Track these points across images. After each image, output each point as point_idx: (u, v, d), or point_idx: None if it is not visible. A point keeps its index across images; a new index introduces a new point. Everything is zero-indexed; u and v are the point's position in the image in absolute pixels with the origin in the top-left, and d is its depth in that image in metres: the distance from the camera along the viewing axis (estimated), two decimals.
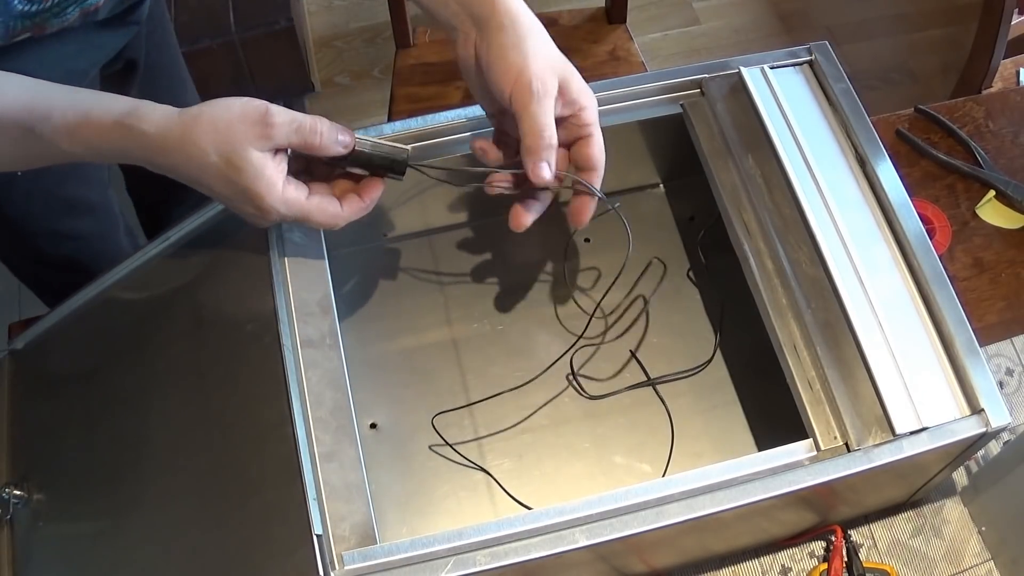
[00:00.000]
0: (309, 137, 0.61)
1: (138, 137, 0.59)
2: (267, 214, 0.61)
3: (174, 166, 0.60)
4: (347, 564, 0.56)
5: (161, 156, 0.60)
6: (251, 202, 0.60)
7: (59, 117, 0.60)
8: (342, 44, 2.03)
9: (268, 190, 0.60)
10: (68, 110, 0.60)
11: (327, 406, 0.61)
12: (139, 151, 0.60)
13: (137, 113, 0.59)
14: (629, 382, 0.79)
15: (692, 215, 0.87)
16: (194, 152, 0.59)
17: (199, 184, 0.61)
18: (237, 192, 0.60)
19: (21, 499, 0.68)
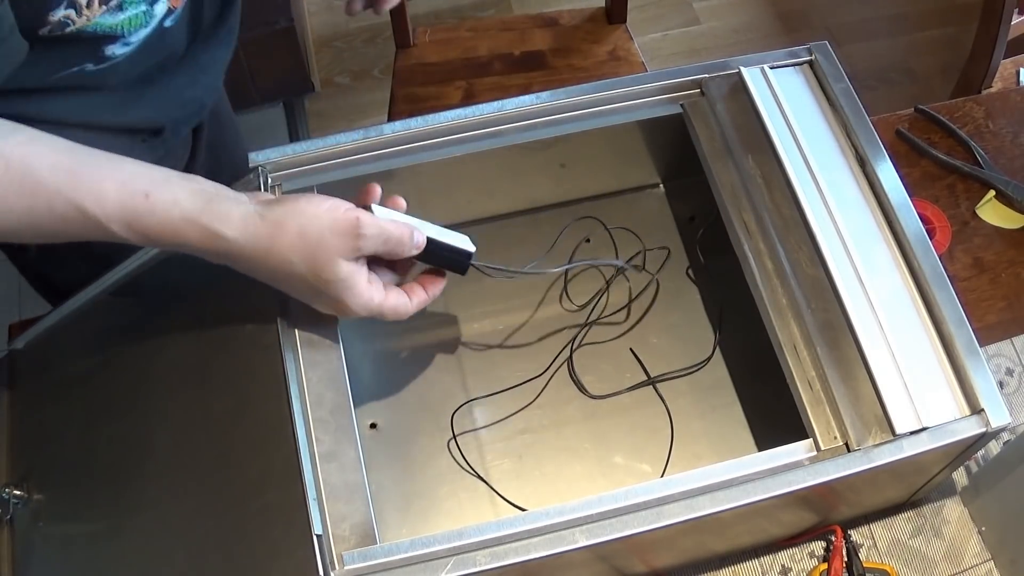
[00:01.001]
0: (396, 248, 0.62)
1: (217, 241, 0.57)
2: (347, 316, 0.63)
3: (253, 271, 0.59)
4: (347, 564, 0.56)
5: (241, 261, 0.58)
6: (334, 307, 0.62)
7: (113, 198, 0.56)
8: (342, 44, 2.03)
9: (354, 299, 0.61)
10: (122, 190, 0.57)
11: (327, 406, 0.61)
12: (214, 254, 0.58)
13: (213, 211, 0.57)
14: (629, 382, 0.79)
15: (692, 215, 0.87)
16: (280, 263, 0.58)
17: (276, 285, 0.60)
18: (323, 300, 0.61)
19: (21, 499, 0.68)
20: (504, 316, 0.82)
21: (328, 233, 0.58)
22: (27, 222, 0.55)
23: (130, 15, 0.65)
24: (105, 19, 0.63)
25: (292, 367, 0.62)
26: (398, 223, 0.62)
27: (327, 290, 0.60)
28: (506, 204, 0.85)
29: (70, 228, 0.56)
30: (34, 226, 0.56)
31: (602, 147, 0.80)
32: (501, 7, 2.13)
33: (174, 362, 0.68)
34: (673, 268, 0.85)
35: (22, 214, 0.55)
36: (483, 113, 0.73)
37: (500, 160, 0.76)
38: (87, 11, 0.61)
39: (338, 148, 0.71)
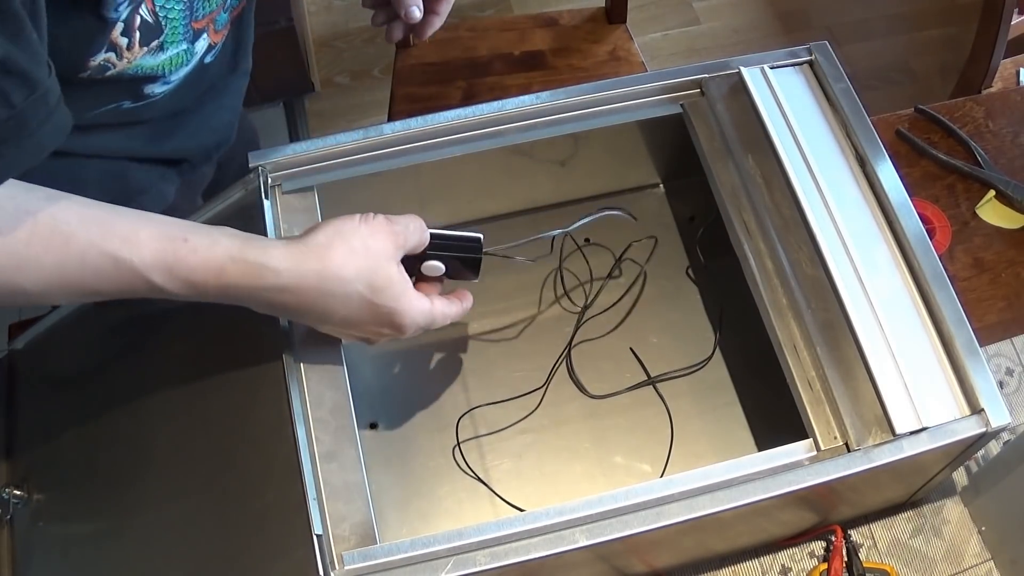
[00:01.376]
0: (419, 235, 0.62)
1: (264, 274, 0.55)
2: (403, 331, 0.61)
3: (302, 304, 0.57)
4: (347, 564, 0.56)
5: (290, 294, 0.56)
6: (391, 322, 0.60)
7: (150, 245, 0.54)
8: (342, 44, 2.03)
9: (408, 305, 0.60)
10: (159, 235, 0.55)
11: (327, 406, 0.61)
12: (262, 290, 0.56)
13: (255, 246, 0.56)
14: (629, 382, 0.79)
15: (692, 215, 0.87)
16: (335, 283, 0.57)
17: (327, 316, 0.59)
18: (379, 315, 0.59)
19: (21, 499, 0.68)
20: (503, 315, 0.82)
21: (370, 239, 0.58)
22: (58, 280, 0.53)
23: (171, 55, 0.65)
24: (146, 60, 0.63)
25: (292, 367, 0.62)
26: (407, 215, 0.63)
27: (383, 300, 0.59)
28: (506, 204, 0.85)
29: (103, 282, 0.54)
30: (65, 284, 0.54)
31: (602, 147, 0.80)
32: (501, 7, 2.13)
33: (174, 362, 0.68)
34: (673, 268, 0.85)
35: (52, 271, 0.53)
36: (483, 113, 0.73)
37: (500, 160, 0.76)
38: (128, 54, 0.60)
39: (338, 148, 0.71)
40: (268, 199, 0.69)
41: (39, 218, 0.52)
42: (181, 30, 0.64)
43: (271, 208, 0.69)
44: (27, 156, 0.49)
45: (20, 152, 0.49)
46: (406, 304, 0.60)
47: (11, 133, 0.48)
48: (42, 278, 0.53)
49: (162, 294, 0.55)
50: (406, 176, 0.73)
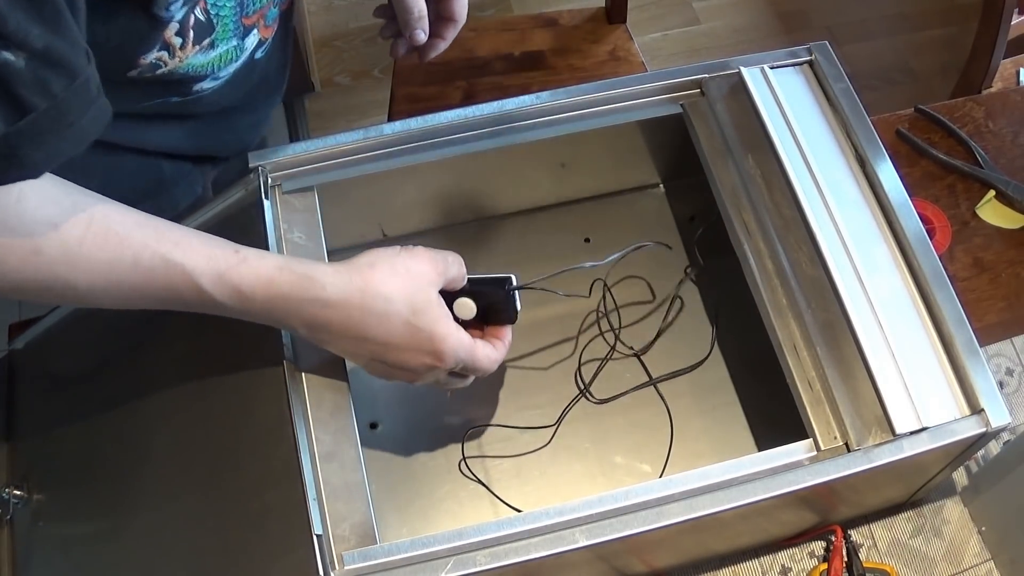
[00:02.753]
0: (457, 269, 0.62)
1: (312, 287, 0.56)
2: (443, 359, 0.60)
3: (345, 322, 0.57)
4: (347, 564, 0.56)
5: (333, 309, 0.57)
6: (431, 348, 0.59)
7: (202, 251, 0.55)
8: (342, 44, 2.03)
9: (448, 330, 0.59)
10: (210, 243, 0.56)
11: (327, 406, 0.61)
12: (308, 303, 0.56)
13: (302, 261, 0.57)
14: (630, 381, 0.79)
15: (692, 215, 0.87)
16: (378, 303, 0.57)
17: (366, 338, 0.58)
18: (419, 340, 0.59)
19: (21, 499, 0.68)
20: None
21: (411, 262, 0.59)
22: (108, 279, 0.54)
23: (221, 52, 0.65)
24: (197, 59, 0.63)
25: (292, 367, 0.62)
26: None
27: (424, 323, 0.58)
28: (506, 204, 0.85)
29: (152, 285, 0.55)
30: (115, 283, 0.54)
31: (602, 147, 0.80)
32: (501, 7, 2.13)
33: (174, 362, 0.68)
34: (674, 268, 0.84)
35: (104, 269, 0.53)
36: (483, 113, 0.73)
37: (500, 160, 0.76)
38: (180, 53, 0.60)
39: (338, 148, 0.71)
40: (268, 199, 0.69)
41: (94, 216, 0.53)
42: (232, 27, 0.64)
43: (271, 208, 0.69)
44: (68, 145, 0.49)
45: (61, 142, 0.49)
46: (444, 329, 0.59)
47: (52, 123, 0.48)
48: (93, 275, 0.54)
49: (206, 304, 0.56)
50: (406, 176, 0.74)
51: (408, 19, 0.70)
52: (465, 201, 0.83)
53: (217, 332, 0.67)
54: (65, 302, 0.55)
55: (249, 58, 0.70)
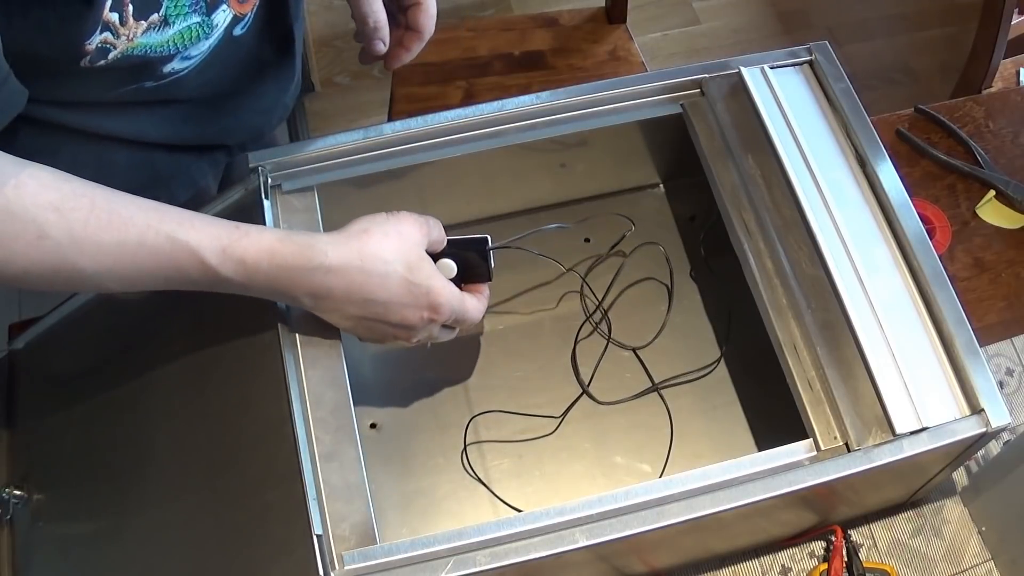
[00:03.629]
0: (438, 231, 0.66)
1: (313, 254, 0.57)
2: (440, 311, 0.63)
3: (347, 288, 0.59)
4: (347, 564, 0.56)
5: (335, 275, 0.58)
6: (428, 302, 0.62)
7: (205, 229, 0.56)
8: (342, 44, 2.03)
9: (442, 283, 0.62)
10: (212, 221, 0.57)
11: (327, 406, 0.61)
12: (311, 271, 0.58)
13: (300, 233, 0.59)
14: (631, 382, 0.79)
15: (692, 215, 0.87)
16: (377, 265, 0.59)
17: (369, 301, 0.60)
18: (417, 296, 0.61)
19: (21, 499, 0.68)
20: (503, 316, 0.82)
21: (400, 226, 0.62)
22: (114, 260, 0.54)
23: (179, 29, 0.63)
24: (150, 39, 0.61)
25: (292, 367, 0.62)
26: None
27: (420, 279, 0.61)
28: (506, 204, 0.85)
29: (158, 264, 0.55)
30: (121, 264, 0.54)
31: (602, 147, 0.80)
32: (501, 7, 2.13)
33: (174, 362, 0.68)
34: (673, 268, 0.84)
35: (111, 250, 0.54)
36: (483, 113, 0.73)
37: (500, 160, 0.76)
38: (124, 30, 0.59)
39: (338, 148, 0.71)
40: (268, 199, 0.69)
41: (96, 199, 0.53)
42: (186, 2, 0.62)
43: (271, 208, 0.69)
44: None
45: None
46: (439, 283, 0.62)
47: None
48: (100, 257, 0.54)
49: (211, 281, 0.57)
50: (406, 176, 0.74)
51: (364, 29, 0.71)
52: (465, 201, 0.83)
53: (217, 332, 0.67)
54: (71, 287, 0.55)
55: (225, 35, 0.68)
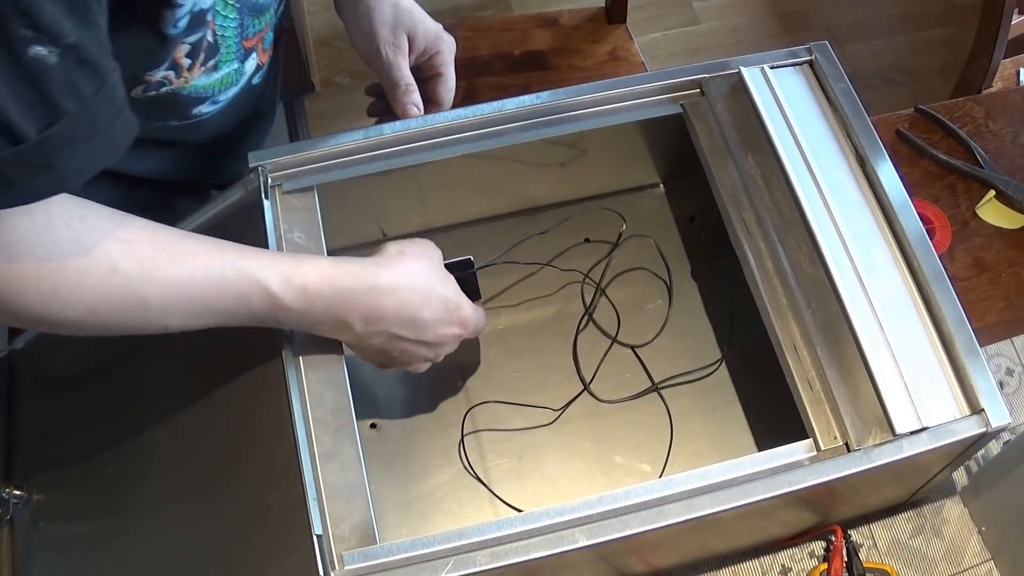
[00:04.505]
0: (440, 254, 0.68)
1: (368, 276, 0.59)
2: (467, 326, 0.66)
3: (398, 307, 0.60)
4: (347, 564, 0.56)
5: (388, 295, 0.60)
6: (459, 318, 0.65)
7: (265, 259, 0.56)
8: (342, 44, 2.03)
9: (467, 301, 0.66)
10: (267, 252, 0.57)
11: (327, 406, 0.61)
12: (368, 291, 0.59)
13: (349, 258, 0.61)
14: (631, 382, 0.79)
15: (692, 215, 0.87)
16: (421, 284, 0.61)
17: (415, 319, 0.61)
18: (451, 312, 0.64)
19: (21, 499, 0.68)
20: (504, 316, 0.82)
21: (424, 250, 0.64)
22: (184, 293, 0.53)
23: (223, 74, 0.65)
24: (200, 80, 0.63)
25: (292, 367, 0.62)
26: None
27: (451, 295, 0.64)
28: (506, 204, 0.85)
29: (224, 296, 0.55)
30: (188, 297, 0.54)
31: (602, 147, 0.80)
32: (501, 7, 2.12)
33: (174, 362, 0.68)
34: (673, 268, 0.84)
35: (181, 283, 0.53)
36: (483, 113, 0.73)
37: (500, 160, 0.76)
38: (187, 73, 0.60)
39: (338, 148, 0.71)
40: (268, 199, 0.69)
41: (159, 234, 0.53)
42: (234, 48, 0.63)
43: (271, 208, 0.69)
44: (102, 156, 0.48)
45: (95, 151, 0.48)
46: (465, 299, 0.65)
47: (84, 129, 0.46)
48: (169, 290, 0.53)
49: (272, 310, 0.56)
50: (406, 176, 0.74)
51: (395, 93, 0.72)
52: (465, 201, 0.83)
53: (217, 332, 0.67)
54: (131, 328, 0.54)
55: (247, 83, 0.70)
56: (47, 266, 0.48)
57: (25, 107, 0.43)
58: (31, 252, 0.48)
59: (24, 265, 0.48)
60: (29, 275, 0.48)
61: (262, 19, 0.66)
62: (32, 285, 0.49)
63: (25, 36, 0.42)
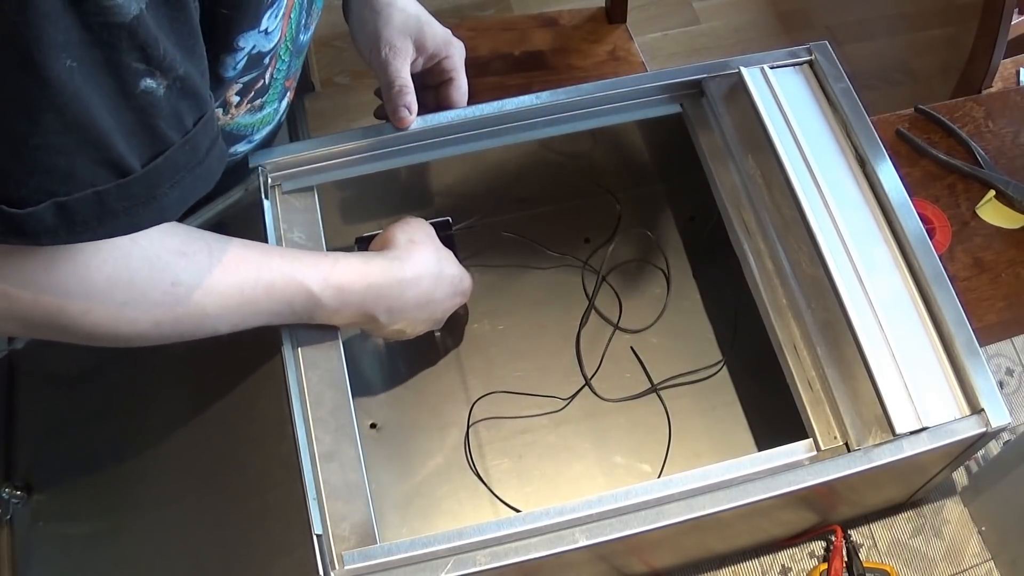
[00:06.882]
0: None
1: (394, 269, 0.62)
2: (467, 294, 0.70)
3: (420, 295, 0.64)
4: (347, 564, 0.56)
5: (413, 285, 0.63)
6: (462, 288, 0.69)
7: (306, 259, 0.58)
8: (342, 44, 2.03)
9: (464, 270, 0.69)
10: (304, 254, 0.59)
11: (327, 406, 0.61)
12: (397, 284, 0.62)
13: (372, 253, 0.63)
14: (630, 381, 0.79)
15: (692, 215, 0.87)
16: (433, 268, 0.65)
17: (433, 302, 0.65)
18: (455, 285, 0.68)
19: (21, 499, 0.68)
20: (504, 316, 0.82)
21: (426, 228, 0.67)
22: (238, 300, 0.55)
23: (265, 113, 0.66)
24: (244, 119, 0.64)
25: (292, 367, 0.62)
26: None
27: (455, 270, 0.68)
28: (506, 204, 0.85)
29: (272, 300, 0.56)
30: (241, 303, 0.55)
31: (602, 147, 0.80)
32: (501, 7, 2.12)
33: (174, 362, 0.68)
34: (672, 268, 0.84)
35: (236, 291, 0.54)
36: (483, 113, 0.73)
37: (500, 160, 0.76)
38: (234, 110, 0.61)
39: (338, 148, 0.71)
40: (268, 199, 0.69)
41: (210, 243, 0.53)
42: (279, 89, 0.64)
43: (271, 208, 0.69)
44: (201, 185, 0.49)
45: (195, 180, 0.48)
46: (462, 269, 0.69)
47: (185, 159, 0.47)
48: (226, 299, 0.54)
49: (309, 310, 0.59)
50: (406, 176, 0.74)
51: (389, 93, 0.70)
52: (465, 201, 0.83)
53: None
54: (186, 335, 0.55)
55: (279, 123, 0.71)
56: (118, 282, 0.49)
57: (132, 139, 0.43)
58: (103, 268, 0.48)
59: (96, 283, 0.48)
60: (101, 293, 0.48)
61: (300, 58, 0.68)
62: (103, 302, 0.49)
63: (137, 69, 0.42)
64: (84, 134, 0.41)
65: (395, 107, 0.70)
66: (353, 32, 0.75)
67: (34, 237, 0.42)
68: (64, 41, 0.38)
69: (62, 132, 0.40)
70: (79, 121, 0.41)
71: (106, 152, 0.43)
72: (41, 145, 0.40)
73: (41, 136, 0.40)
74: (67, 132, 0.41)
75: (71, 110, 0.40)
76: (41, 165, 0.41)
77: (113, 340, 0.51)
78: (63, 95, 0.39)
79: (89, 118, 0.41)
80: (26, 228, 0.42)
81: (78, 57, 0.39)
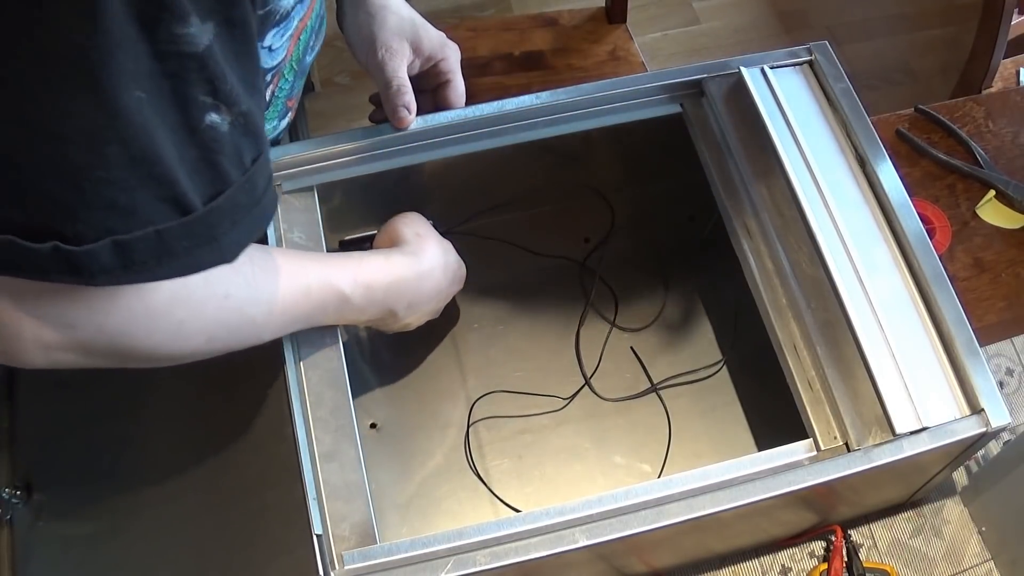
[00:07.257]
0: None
1: (413, 263, 0.64)
2: (463, 281, 0.72)
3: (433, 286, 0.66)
4: (347, 564, 0.56)
5: (429, 278, 0.65)
6: (460, 275, 0.71)
7: (335, 262, 0.59)
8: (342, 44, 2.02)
9: (458, 256, 0.71)
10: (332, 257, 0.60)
11: (327, 406, 0.61)
12: (417, 277, 0.64)
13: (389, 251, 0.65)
14: (629, 380, 0.79)
15: (692, 215, 0.87)
16: (440, 260, 0.67)
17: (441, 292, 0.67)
18: (456, 273, 0.70)
19: (21, 499, 0.68)
20: (504, 316, 0.82)
21: (426, 222, 0.69)
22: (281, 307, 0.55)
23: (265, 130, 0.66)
24: None
25: (292, 367, 0.62)
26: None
27: (456, 259, 0.70)
28: (506, 205, 0.85)
29: (310, 304, 0.57)
30: (283, 310, 0.56)
31: (602, 147, 0.80)
32: (501, 7, 2.12)
33: None
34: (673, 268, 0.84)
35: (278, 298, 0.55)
36: (483, 113, 0.73)
37: (500, 160, 0.76)
38: None
39: (338, 148, 0.71)
40: None
41: (251, 253, 0.52)
42: (279, 107, 0.64)
43: None
44: (257, 224, 0.48)
45: (252, 220, 0.47)
46: (459, 257, 0.70)
47: (244, 199, 0.45)
48: (270, 306, 0.54)
49: (339, 311, 0.59)
50: (406, 176, 0.74)
51: (387, 93, 0.70)
52: (465, 201, 0.83)
53: None
54: (234, 346, 0.55)
55: (277, 139, 0.71)
56: (178, 299, 0.48)
57: (194, 176, 0.42)
58: (165, 285, 0.47)
59: (160, 302, 0.47)
60: (162, 312, 0.48)
61: (303, 79, 0.69)
62: (163, 322, 0.48)
63: (204, 103, 0.41)
64: (148, 168, 0.40)
65: (394, 107, 0.70)
66: (349, 37, 0.75)
67: (89, 276, 0.41)
68: (135, 70, 0.37)
69: (126, 166, 0.39)
70: (144, 155, 0.39)
71: (169, 188, 0.41)
72: (104, 179, 0.39)
73: (104, 169, 0.38)
74: (131, 166, 0.39)
75: (137, 143, 0.39)
76: (102, 200, 0.39)
77: (168, 359, 0.51)
78: (131, 127, 0.38)
79: (154, 152, 0.39)
80: (82, 266, 0.40)
81: (147, 88, 0.38)
